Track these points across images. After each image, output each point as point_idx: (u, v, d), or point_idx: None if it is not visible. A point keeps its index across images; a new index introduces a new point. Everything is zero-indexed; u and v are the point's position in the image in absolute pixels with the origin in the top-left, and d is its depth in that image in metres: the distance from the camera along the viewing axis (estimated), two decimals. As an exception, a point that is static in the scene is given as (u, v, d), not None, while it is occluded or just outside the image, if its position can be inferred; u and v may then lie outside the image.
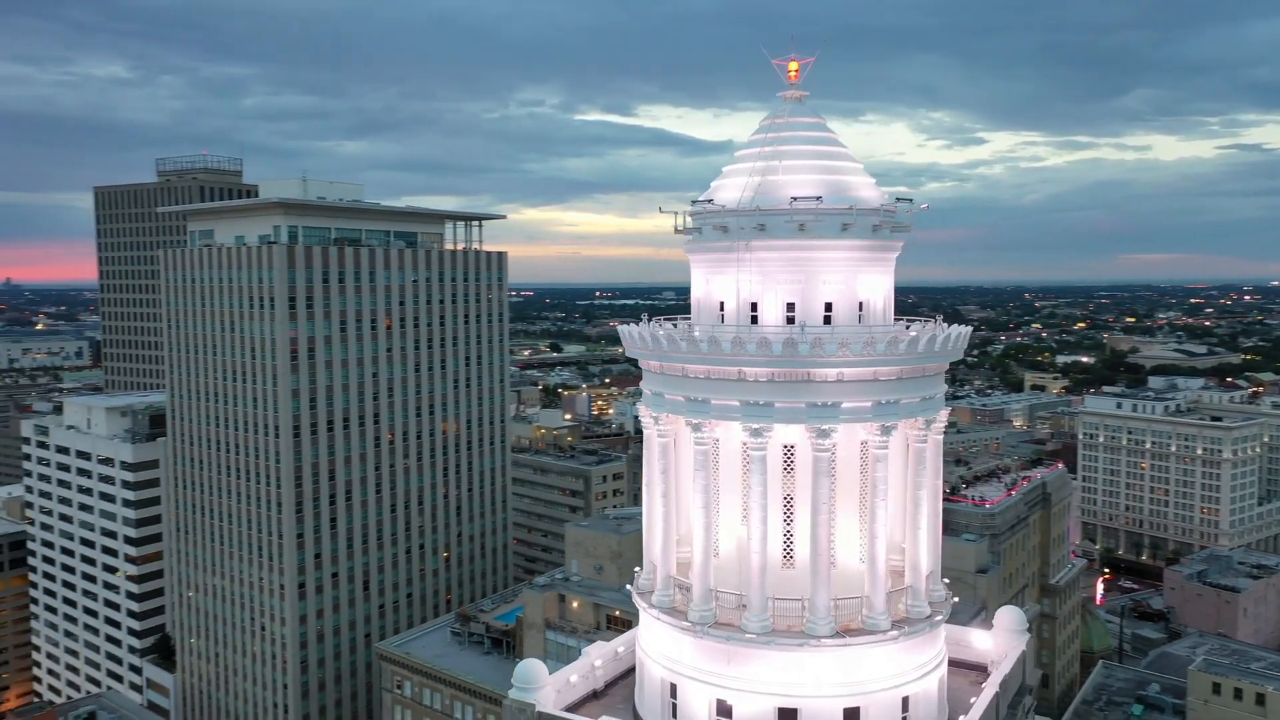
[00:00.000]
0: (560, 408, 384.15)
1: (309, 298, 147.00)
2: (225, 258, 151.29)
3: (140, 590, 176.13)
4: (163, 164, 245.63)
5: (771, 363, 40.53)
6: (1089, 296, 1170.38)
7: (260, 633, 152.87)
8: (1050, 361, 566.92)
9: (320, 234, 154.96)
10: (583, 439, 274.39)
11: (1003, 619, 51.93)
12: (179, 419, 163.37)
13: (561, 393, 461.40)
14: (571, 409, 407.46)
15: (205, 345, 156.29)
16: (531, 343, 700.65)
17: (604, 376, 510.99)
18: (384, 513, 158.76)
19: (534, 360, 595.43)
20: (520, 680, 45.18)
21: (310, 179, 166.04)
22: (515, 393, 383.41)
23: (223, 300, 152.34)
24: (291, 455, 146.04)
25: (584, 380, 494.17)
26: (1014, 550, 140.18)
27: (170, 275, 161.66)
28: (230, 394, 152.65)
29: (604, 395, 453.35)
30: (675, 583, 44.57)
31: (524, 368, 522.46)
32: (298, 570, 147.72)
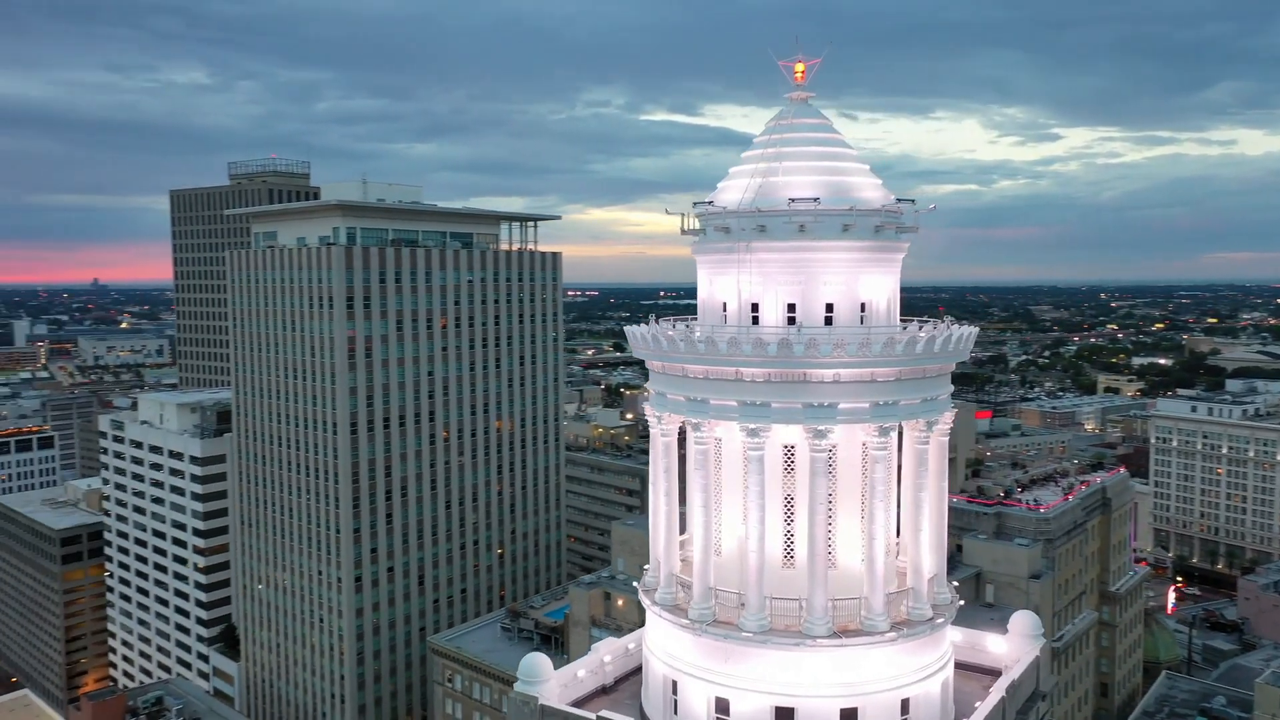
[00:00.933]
0: (622, 407, 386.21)
1: (366, 297, 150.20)
2: (287, 258, 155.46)
3: (208, 581, 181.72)
4: (234, 167, 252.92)
5: (768, 363, 40.70)
6: (1168, 296, 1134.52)
7: (319, 624, 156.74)
8: (1125, 363, 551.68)
9: (378, 235, 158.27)
10: (640, 438, 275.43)
11: (1017, 623, 51.21)
12: (243, 415, 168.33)
13: (624, 392, 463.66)
14: (633, 408, 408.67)
15: (268, 344, 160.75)
16: (595, 342, 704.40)
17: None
18: (439, 509, 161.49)
19: (597, 360, 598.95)
20: (525, 674, 46.05)
21: (370, 181, 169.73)
22: (578, 392, 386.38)
23: (284, 300, 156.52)
24: (349, 451, 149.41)
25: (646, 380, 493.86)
26: (1070, 556, 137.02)
27: (235, 275, 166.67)
28: (291, 391, 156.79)
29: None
30: (677, 581, 44.97)
31: (587, 366, 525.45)
32: (354, 564, 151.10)
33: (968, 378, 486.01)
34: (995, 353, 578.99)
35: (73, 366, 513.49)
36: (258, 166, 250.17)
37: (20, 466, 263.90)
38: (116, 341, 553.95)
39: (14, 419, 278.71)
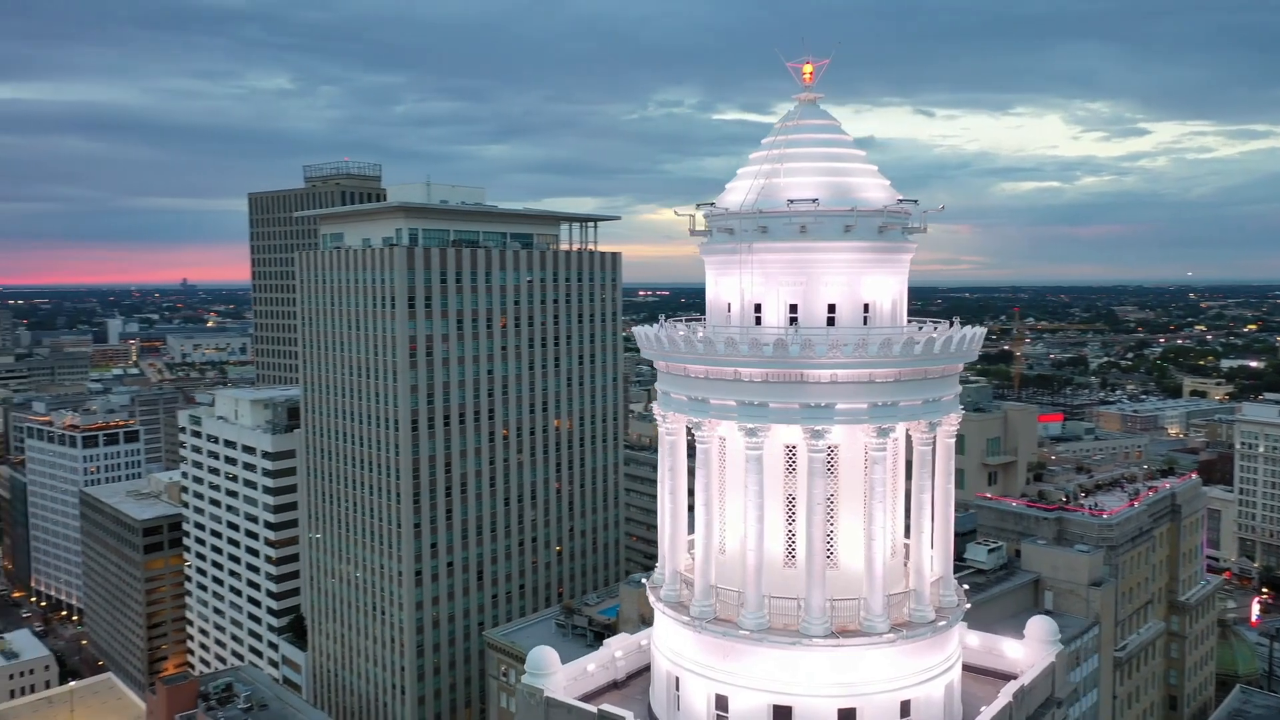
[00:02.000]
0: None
1: (428, 297, 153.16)
2: (351, 259, 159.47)
3: (278, 572, 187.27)
4: (309, 170, 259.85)
5: (764, 363, 40.86)
6: (1263, 296, 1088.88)
7: (381, 617, 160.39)
8: (1214, 366, 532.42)
9: (440, 236, 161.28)
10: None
11: (1033, 629, 50.40)
12: (311, 412, 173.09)
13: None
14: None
15: (334, 342, 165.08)
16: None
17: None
18: (498, 505, 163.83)
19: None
20: (532, 666, 46.95)
21: (433, 183, 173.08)
22: (645, 391, 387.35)
23: (349, 299, 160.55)
24: (410, 448, 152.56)
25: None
26: (1135, 564, 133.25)
27: (304, 276, 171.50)
28: (355, 389, 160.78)
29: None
30: (681, 578, 45.37)
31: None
32: (415, 558, 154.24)
33: (1044, 380, 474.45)
34: (1075, 354, 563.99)
35: (161, 363, 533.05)
36: (331, 169, 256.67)
37: (108, 459, 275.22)
38: (202, 339, 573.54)
39: (102, 414, 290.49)
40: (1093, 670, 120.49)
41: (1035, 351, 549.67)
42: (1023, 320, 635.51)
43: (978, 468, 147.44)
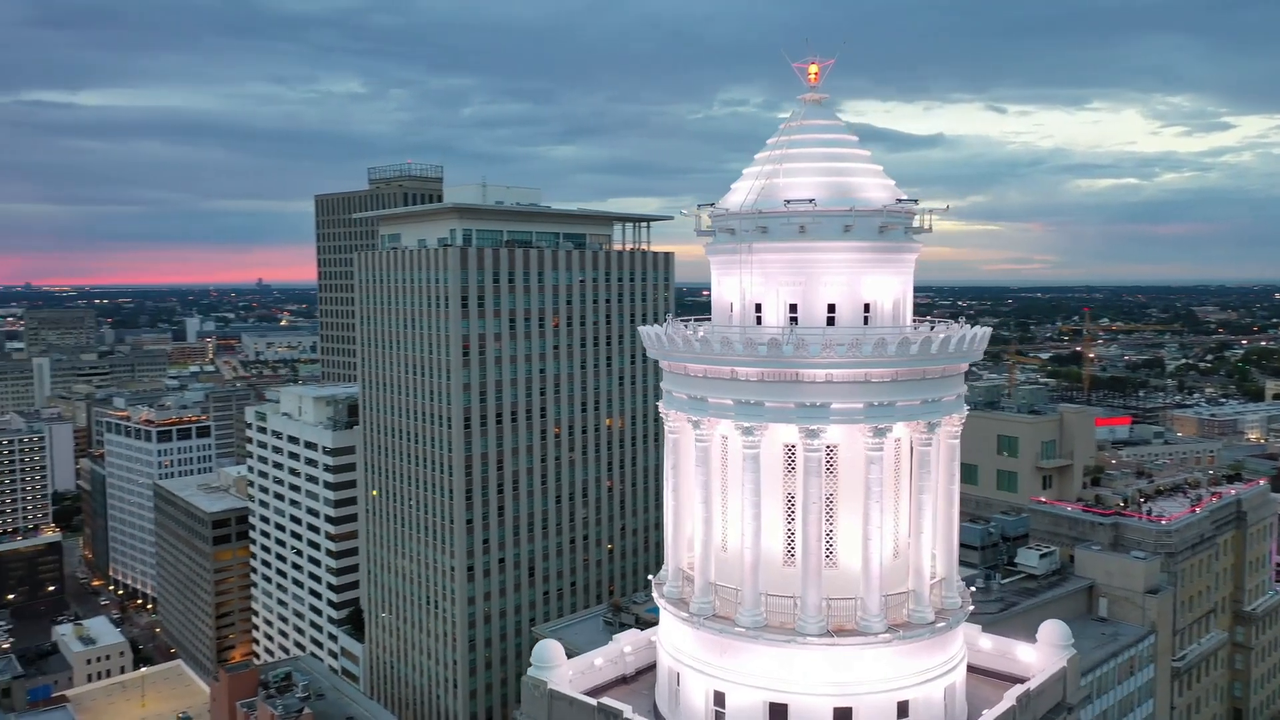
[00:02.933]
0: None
1: (480, 297, 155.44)
2: (407, 259, 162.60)
3: (338, 565, 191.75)
4: (373, 173, 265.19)
5: (759, 363, 41.05)
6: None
7: (435, 611, 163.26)
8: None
9: (493, 236, 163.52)
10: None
11: (1045, 633, 49.66)
12: (369, 409, 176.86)
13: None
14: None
15: (390, 341, 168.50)
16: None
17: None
18: (549, 503, 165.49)
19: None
20: (538, 659, 47.76)
21: (489, 184, 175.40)
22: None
23: (404, 299, 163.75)
24: (462, 445, 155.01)
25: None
26: (1196, 572, 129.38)
27: (362, 276, 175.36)
28: (410, 387, 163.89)
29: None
30: (683, 575, 45.74)
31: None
32: (467, 554, 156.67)
33: (1118, 382, 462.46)
34: (1151, 357, 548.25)
35: (236, 361, 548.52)
36: (395, 171, 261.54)
37: (181, 454, 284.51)
38: (275, 338, 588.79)
39: (176, 409, 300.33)
40: (1148, 680, 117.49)
41: (1109, 353, 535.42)
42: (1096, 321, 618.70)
43: (1032, 471, 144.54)
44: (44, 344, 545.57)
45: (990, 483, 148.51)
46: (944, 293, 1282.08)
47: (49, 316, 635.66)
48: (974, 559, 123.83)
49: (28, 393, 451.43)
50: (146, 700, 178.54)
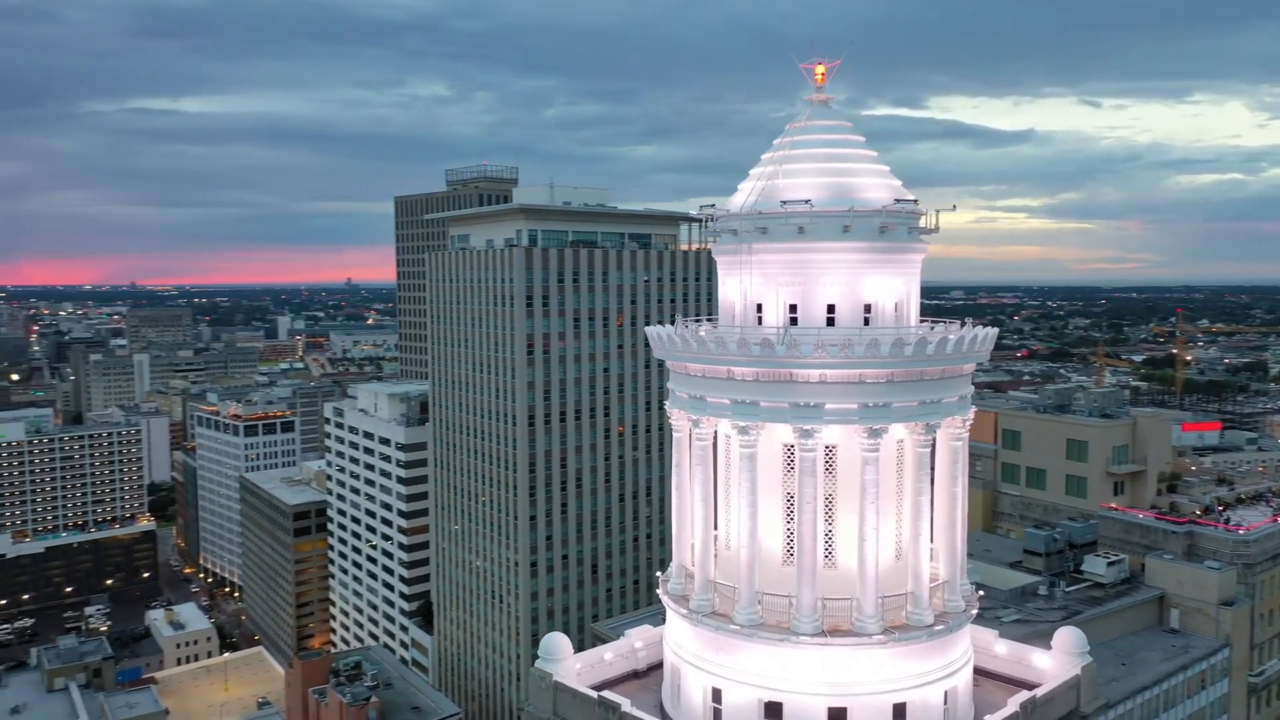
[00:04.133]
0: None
1: (545, 296, 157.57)
2: (475, 260, 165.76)
3: (409, 559, 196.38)
4: (450, 174, 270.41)
5: (753, 362, 41.25)
6: None
7: (500, 605, 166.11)
8: None
9: (559, 237, 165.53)
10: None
11: (1060, 640, 48.69)
12: (438, 406, 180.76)
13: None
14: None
15: (459, 340, 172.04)
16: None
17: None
18: (613, 501, 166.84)
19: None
20: (544, 652, 48.71)
21: (557, 185, 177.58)
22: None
23: (472, 298, 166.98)
24: (526, 443, 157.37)
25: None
26: (1276, 584, 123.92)
27: (433, 275, 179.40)
28: (477, 384, 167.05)
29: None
30: (686, 572, 46.13)
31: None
32: (530, 550, 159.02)
33: (1216, 386, 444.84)
34: (1254, 359, 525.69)
35: (324, 358, 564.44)
36: (472, 173, 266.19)
37: (266, 448, 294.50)
38: (362, 336, 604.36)
39: (262, 405, 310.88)
40: (1221, 695, 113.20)
41: (1208, 356, 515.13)
42: (1194, 322, 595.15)
43: (1102, 476, 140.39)
44: (144, 341, 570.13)
45: (1059, 488, 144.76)
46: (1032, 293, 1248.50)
47: (149, 315, 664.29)
48: (1038, 565, 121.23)
49: (129, 387, 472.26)
50: (229, 685, 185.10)
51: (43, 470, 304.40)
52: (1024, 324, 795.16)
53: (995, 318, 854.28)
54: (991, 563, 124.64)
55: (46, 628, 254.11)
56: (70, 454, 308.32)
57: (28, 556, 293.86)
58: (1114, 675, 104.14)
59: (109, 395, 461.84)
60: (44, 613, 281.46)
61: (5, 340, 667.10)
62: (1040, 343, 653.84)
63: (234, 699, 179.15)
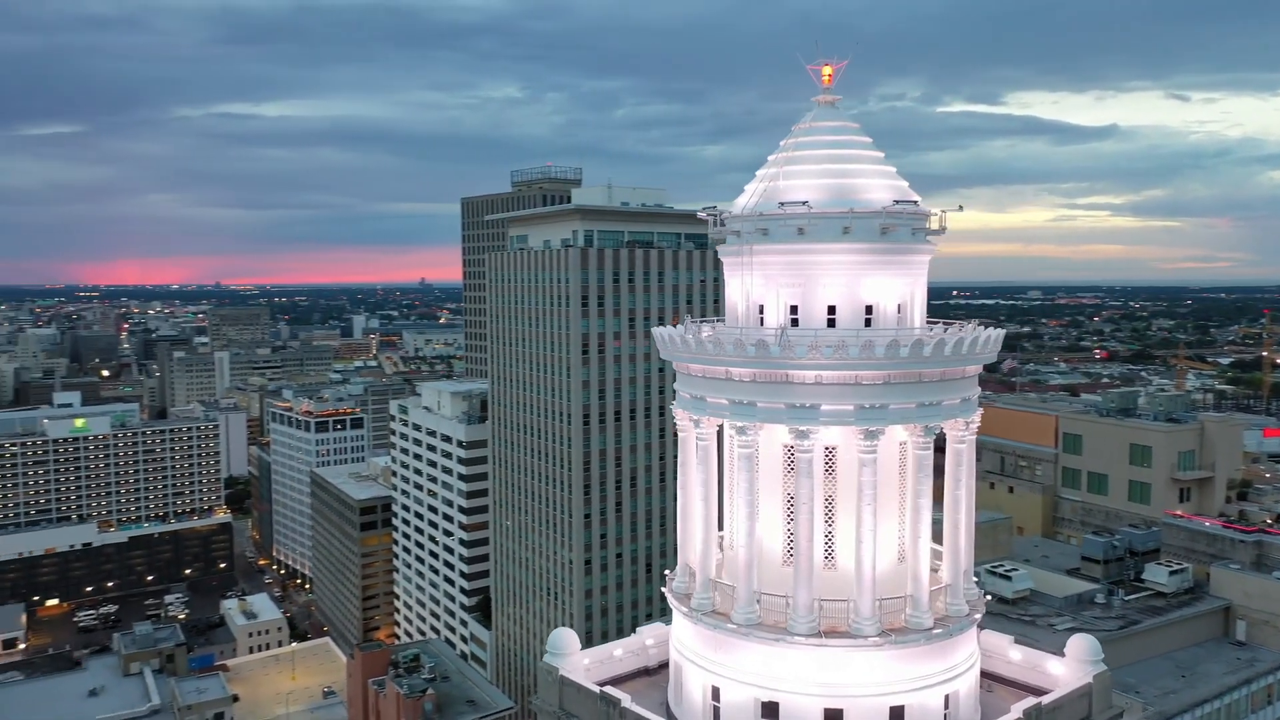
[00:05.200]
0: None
1: (600, 296, 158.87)
2: (531, 260, 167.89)
3: (470, 554, 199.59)
4: (515, 175, 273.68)
5: (748, 363, 41.49)
6: None
7: (555, 602, 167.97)
8: None
9: (615, 237, 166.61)
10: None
11: (1073, 647, 47.88)
12: (497, 404, 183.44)
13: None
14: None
15: (516, 339, 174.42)
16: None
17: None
18: (667, 501, 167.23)
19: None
20: (552, 647, 49.60)
21: (615, 186, 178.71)
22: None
23: (529, 298, 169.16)
24: (581, 441, 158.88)
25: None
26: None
27: (492, 276, 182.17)
28: (534, 383, 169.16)
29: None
30: (690, 571, 46.51)
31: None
32: (585, 548, 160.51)
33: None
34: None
35: (397, 357, 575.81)
36: (536, 174, 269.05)
37: (336, 444, 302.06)
38: (434, 335, 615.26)
39: (333, 401, 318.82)
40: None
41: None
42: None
43: (1167, 483, 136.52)
44: (225, 339, 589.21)
45: (1121, 494, 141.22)
46: (1114, 293, 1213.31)
47: (230, 313, 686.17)
48: (1096, 573, 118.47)
49: (210, 384, 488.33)
50: (296, 674, 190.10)
51: (127, 463, 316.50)
52: (1104, 325, 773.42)
53: (1074, 318, 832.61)
54: (1049, 569, 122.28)
55: (129, 614, 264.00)
56: (152, 447, 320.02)
57: (112, 545, 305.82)
58: (1173, 687, 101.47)
59: (191, 391, 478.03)
60: (127, 600, 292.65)
61: (98, 338, 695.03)
62: (1121, 345, 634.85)
63: (301, 687, 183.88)
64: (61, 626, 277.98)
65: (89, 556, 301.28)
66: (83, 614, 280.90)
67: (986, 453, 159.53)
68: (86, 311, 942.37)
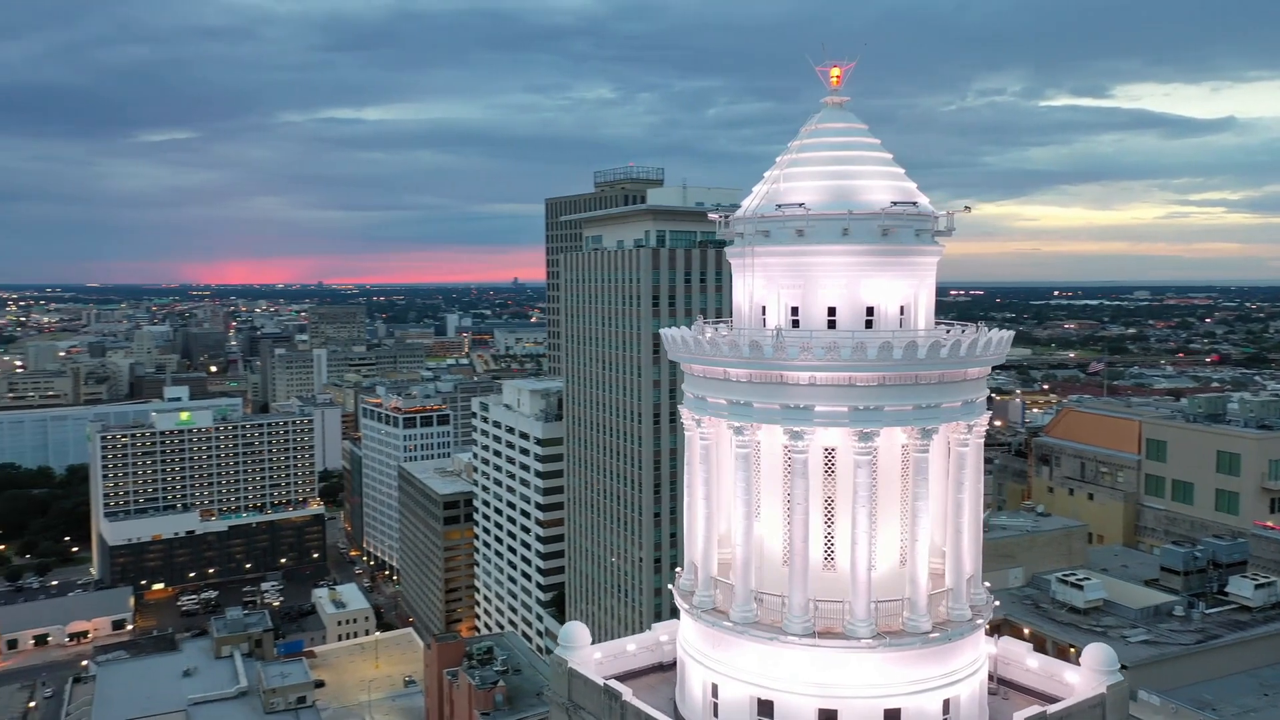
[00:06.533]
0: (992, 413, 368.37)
1: (671, 296, 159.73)
2: (604, 260, 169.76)
3: (546, 550, 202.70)
4: (598, 176, 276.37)
5: (743, 363, 41.83)
6: None
7: (626, 600, 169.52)
8: None
9: (687, 237, 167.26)
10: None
11: (1089, 657, 46.75)
12: (571, 403, 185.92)
13: (994, 397, 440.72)
14: (1004, 415, 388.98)
15: (589, 338, 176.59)
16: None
17: (1046, 381, 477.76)
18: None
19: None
20: (563, 640, 50.71)
21: (690, 186, 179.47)
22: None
23: (602, 298, 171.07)
24: (651, 440, 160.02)
25: (1022, 385, 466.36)
26: None
27: (567, 276, 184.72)
28: (606, 382, 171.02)
29: (1041, 402, 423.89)
30: (694, 569, 46.96)
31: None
32: (654, 546, 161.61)
33: None
34: None
35: (488, 355, 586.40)
36: (618, 175, 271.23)
37: (423, 439, 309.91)
38: (524, 334, 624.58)
39: (421, 398, 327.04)
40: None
41: None
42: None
43: (1256, 492, 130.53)
44: (323, 337, 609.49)
45: (1208, 503, 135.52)
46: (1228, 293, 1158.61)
47: (328, 312, 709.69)
48: (1175, 584, 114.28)
49: (309, 380, 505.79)
50: (380, 662, 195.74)
51: (227, 455, 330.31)
52: (1216, 327, 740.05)
53: (1183, 319, 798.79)
54: (1126, 579, 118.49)
55: (228, 600, 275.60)
56: (251, 440, 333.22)
57: (213, 534, 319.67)
58: (1254, 705, 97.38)
59: (291, 387, 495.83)
60: (226, 586, 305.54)
61: (207, 335, 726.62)
62: (1234, 348, 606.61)
63: (383, 676, 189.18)
64: (166, 610, 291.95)
65: (192, 544, 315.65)
66: (185, 598, 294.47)
67: (1066, 458, 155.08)
68: (198, 310, 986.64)
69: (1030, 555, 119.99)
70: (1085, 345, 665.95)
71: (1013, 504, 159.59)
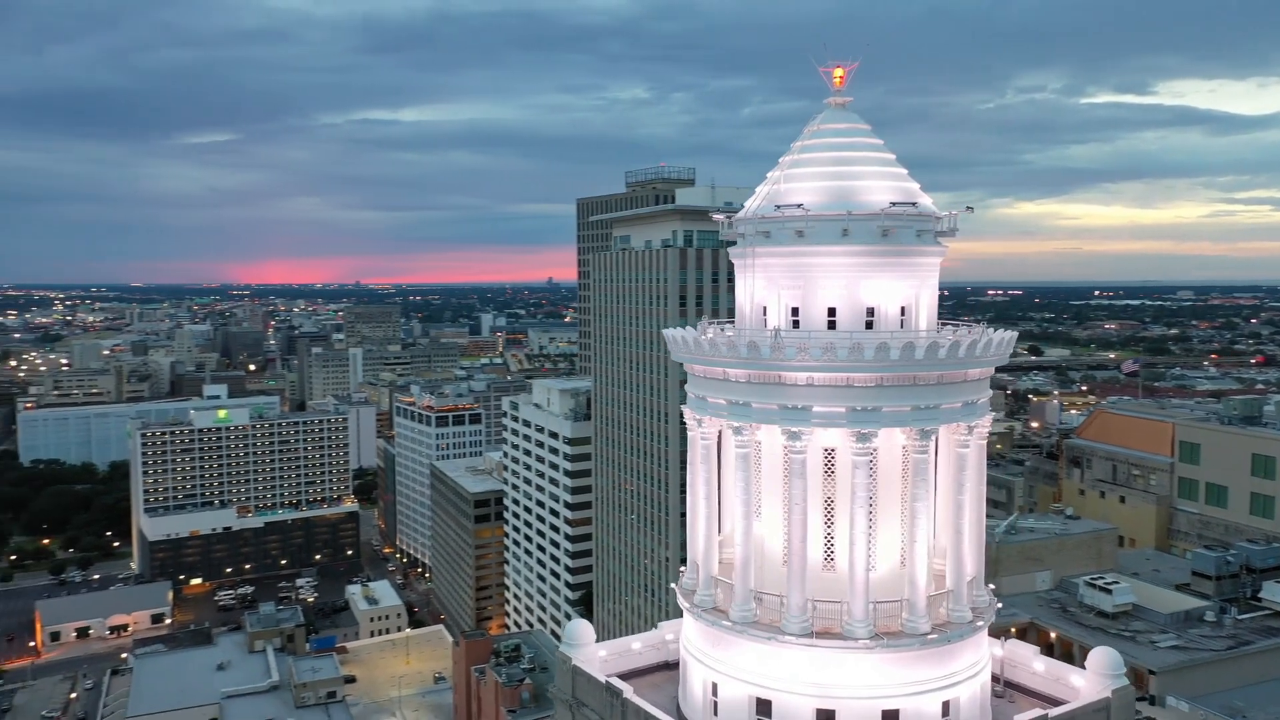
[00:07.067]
0: (1027, 414, 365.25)
1: (698, 296, 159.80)
2: (631, 260, 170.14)
3: (574, 549, 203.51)
4: (630, 176, 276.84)
5: (741, 364, 41.94)
6: None
7: (651, 599, 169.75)
8: None
9: (714, 238, 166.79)
10: (1015, 446, 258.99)
11: (1094, 660, 46.37)
12: (599, 403, 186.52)
13: (1031, 399, 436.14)
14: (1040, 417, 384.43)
15: (617, 338, 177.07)
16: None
17: (1085, 383, 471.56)
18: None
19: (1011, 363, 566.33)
20: (568, 637, 51.08)
21: (719, 186, 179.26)
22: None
23: (629, 298, 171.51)
24: (678, 440, 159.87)
25: (1060, 386, 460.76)
26: None
27: (596, 275, 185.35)
28: (633, 382, 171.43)
29: (1079, 403, 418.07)
30: (696, 568, 47.11)
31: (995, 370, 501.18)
32: (681, 546, 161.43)
33: None
34: None
35: (522, 354, 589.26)
36: (650, 175, 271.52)
37: (455, 438, 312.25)
38: (558, 333, 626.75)
39: (453, 397, 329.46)
40: None
41: None
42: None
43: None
44: (359, 336, 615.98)
45: (1242, 507, 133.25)
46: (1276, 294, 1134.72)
47: (364, 311, 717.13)
48: (1207, 589, 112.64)
49: (344, 378, 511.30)
50: (411, 658, 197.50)
51: (263, 452, 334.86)
52: (1262, 327, 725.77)
53: (1228, 320, 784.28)
54: (1157, 583, 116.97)
55: (263, 595, 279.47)
56: (287, 438, 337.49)
57: (250, 530, 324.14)
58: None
59: (328, 385, 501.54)
60: (261, 581, 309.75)
61: (246, 334, 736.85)
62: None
63: (414, 671, 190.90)
64: (203, 604, 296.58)
65: (229, 540, 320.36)
66: (222, 593, 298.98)
67: (1098, 460, 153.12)
68: (237, 309, 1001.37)
69: (1059, 558, 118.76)
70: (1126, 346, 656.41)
71: (1043, 507, 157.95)
